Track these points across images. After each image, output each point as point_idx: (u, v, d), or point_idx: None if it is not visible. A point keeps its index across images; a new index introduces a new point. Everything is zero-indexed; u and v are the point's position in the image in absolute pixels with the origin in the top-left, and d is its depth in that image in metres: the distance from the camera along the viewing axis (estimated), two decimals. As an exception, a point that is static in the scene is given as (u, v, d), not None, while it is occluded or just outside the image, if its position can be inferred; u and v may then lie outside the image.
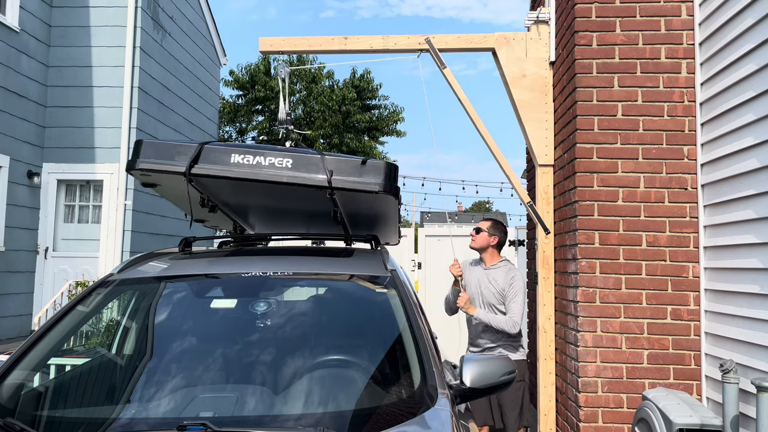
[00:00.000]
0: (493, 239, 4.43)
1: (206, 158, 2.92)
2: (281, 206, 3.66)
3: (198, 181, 3.04)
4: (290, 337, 2.62)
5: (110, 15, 10.18)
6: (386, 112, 25.57)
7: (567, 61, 4.19)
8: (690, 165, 3.87)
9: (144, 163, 3.01)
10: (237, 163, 2.89)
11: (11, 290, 9.38)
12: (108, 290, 2.81)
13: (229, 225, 4.27)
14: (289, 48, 4.64)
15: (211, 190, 3.27)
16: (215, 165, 2.91)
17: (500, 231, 4.47)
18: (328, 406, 2.23)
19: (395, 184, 2.94)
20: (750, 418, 3.11)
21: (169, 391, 2.26)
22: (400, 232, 4.35)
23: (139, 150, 3.04)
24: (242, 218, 4.07)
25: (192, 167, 2.90)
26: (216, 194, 3.38)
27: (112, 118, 10.01)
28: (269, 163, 2.88)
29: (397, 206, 3.34)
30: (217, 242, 3.89)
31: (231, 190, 3.25)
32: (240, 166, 2.89)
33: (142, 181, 3.31)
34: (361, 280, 2.91)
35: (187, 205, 3.42)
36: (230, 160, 2.90)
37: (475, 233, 4.47)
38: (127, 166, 3.09)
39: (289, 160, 2.88)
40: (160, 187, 3.46)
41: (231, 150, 2.94)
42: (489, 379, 2.36)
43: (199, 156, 2.92)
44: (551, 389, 4.35)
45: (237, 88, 24.71)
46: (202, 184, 3.13)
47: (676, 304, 3.82)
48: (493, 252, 4.45)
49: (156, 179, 3.26)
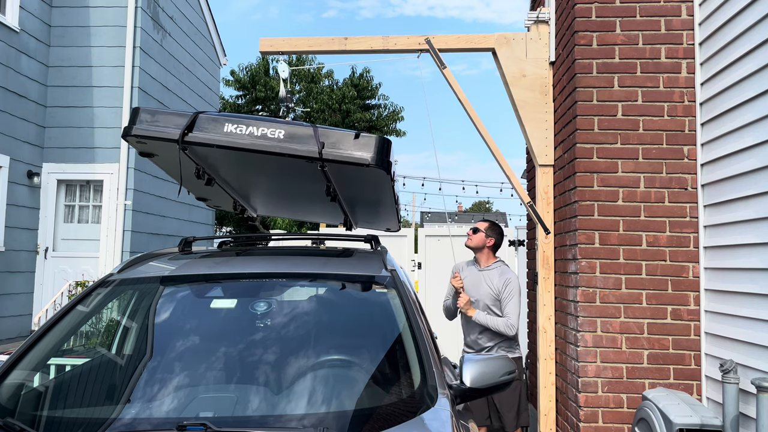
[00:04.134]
0: (490, 240, 4.47)
1: (200, 127, 2.92)
2: (278, 182, 3.62)
3: (192, 150, 3.03)
4: (290, 338, 2.62)
5: (110, 15, 10.18)
6: (386, 112, 25.59)
7: (567, 61, 4.19)
8: (690, 165, 3.87)
9: (139, 129, 3.00)
10: (230, 132, 2.88)
11: (11, 290, 9.39)
12: (108, 290, 2.81)
13: (229, 204, 4.25)
14: (289, 48, 4.64)
15: (207, 160, 3.27)
16: (208, 134, 2.90)
17: (497, 233, 4.51)
18: (329, 406, 2.23)
19: (387, 158, 2.87)
20: (750, 418, 3.11)
21: (169, 391, 2.26)
22: (399, 217, 4.27)
23: (135, 117, 3.04)
24: (241, 196, 4.04)
25: (185, 135, 2.90)
26: (212, 165, 3.36)
27: (112, 118, 10.02)
28: (261, 133, 2.86)
29: (391, 185, 3.25)
30: (217, 242, 3.90)
31: (225, 161, 3.24)
32: (232, 136, 2.88)
33: (139, 149, 3.28)
34: (361, 281, 2.91)
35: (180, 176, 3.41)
36: (223, 129, 2.89)
37: (472, 233, 4.50)
38: (123, 132, 3.08)
39: (281, 131, 2.86)
40: (158, 157, 3.42)
41: (225, 119, 2.94)
42: (489, 379, 2.37)
43: (193, 124, 2.92)
44: (551, 389, 4.35)
45: (238, 88, 24.71)
46: (197, 153, 3.12)
47: (676, 304, 3.82)
48: (489, 253, 4.48)
49: (152, 148, 3.23)
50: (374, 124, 25.34)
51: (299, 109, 6.39)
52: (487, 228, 4.51)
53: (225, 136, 2.89)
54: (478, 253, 4.51)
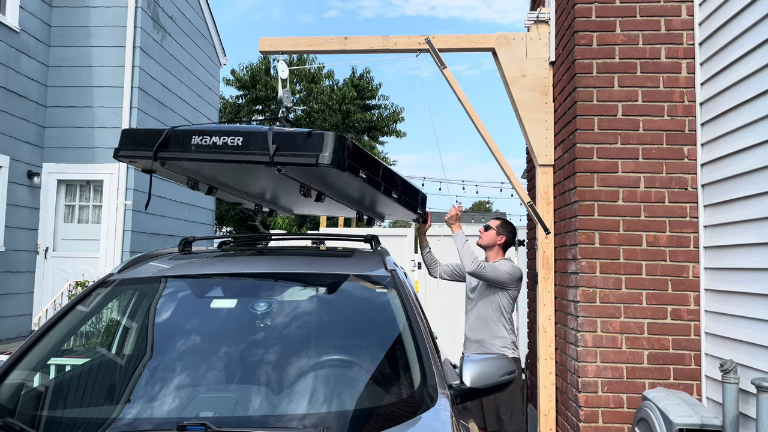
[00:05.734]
0: (500, 238, 4.51)
1: (174, 142, 2.99)
2: (260, 183, 3.60)
3: (171, 163, 3.10)
4: (290, 338, 2.62)
5: (110, 15, 10.18)
6: (386, 113, 25.59)
7: (567, 61, 4.19)
8: (690, 165, 3.87)
9: (123, 151, 3.15)
10: (197, 145, 2.93)
11: (11, 290, 9.39)
12: (108, 290, 2.81)
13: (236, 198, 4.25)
14: (288, 48, 4.64)
15: (190, 171, 3.32)
16: (178, 148, 2.97)
17: (509, 231, 4.55)
18: (329, 406, 2.23)
19: (342, 156, 2.76)
20: (750, 418, 3.11)
21: (169, 391, 2.26)
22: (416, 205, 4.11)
23: (121, 140, 3.18)
24: (239, 194, 4.05)
25: (159, 151, 2.98)
26: (197, 174, 3.41)
27: (112, 118, 10.02)
28: (222, 142, 2.87)
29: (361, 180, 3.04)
30: (217, 242, 3.90)
31: (204, 170, 3.28)
32: (200, 148, 2.92)
33: (135, 167, 3.38)
34: (361, 280, 2.91)
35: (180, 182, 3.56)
36: (191, 142, 2.94)
37: (484, 230, 4.55)
38: (113, 154, 3.21)
39: (240, 138, 2.86)
40: (159, 171, 3.50)
41: (192, 132, 2.98)
42: (489, 379, 2.37)
43: (168, 140, 2.99)
44: (551, 389, 4.35)
45: (238, 87, 24.71)
46: (179, 166, 3.18)
47: (676, 304, 3.82)
48: (498, 251, 4.52)
49: (144, 165, 3.31)
50: (374, 124, 25.34)
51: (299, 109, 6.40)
52: (499, 226, 4.54)
53: (193, 149, 2.94)
54: (488, 251, 4.53)
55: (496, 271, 4.27)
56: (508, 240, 4.52)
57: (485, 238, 4.52)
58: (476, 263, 4.21)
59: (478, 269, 4.21)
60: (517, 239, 8.10)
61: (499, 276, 4.27)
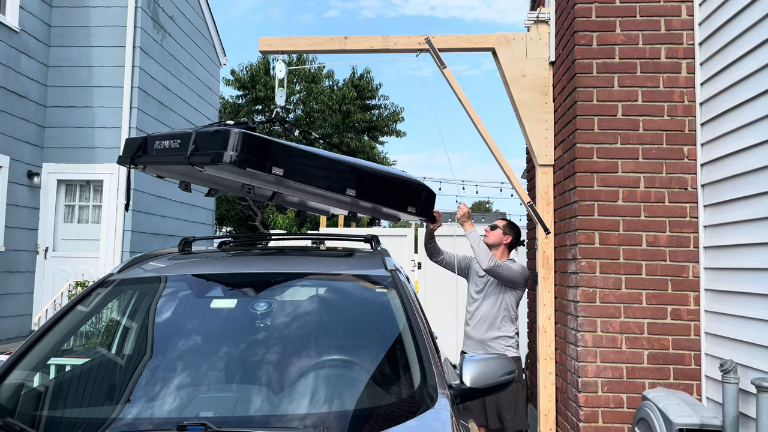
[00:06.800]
0: (507, 238, 4.56)
1: (149, 147, 3.15)
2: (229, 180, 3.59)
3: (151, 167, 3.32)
4: (290, 338, 2.62)
5: (110, 15, 10.17)
6: (386, 113, 25.58)
7: (567, 61, 4.19)
8: (690, 165, 3.87)
9: (122, 158, 3.35)
10: (156, 149, 3.08)
11: (11, 290, 9.38)
12: (108, 290, 2.81)
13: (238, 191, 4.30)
14: (288, 48, 4.64)
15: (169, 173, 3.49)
16: (148, 153, 3.15)
17: (515, 231, 4.62)
18: (329, 406, 2.23)
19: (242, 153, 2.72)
20: (750, 418, 3.11)
21: (169, 391, 2.26)
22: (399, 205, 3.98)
23: (123, 148, 3.40)
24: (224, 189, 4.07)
25: (136, 157, 3.19)
26: (175, 175, 3.56)
27: (112, 118, 10.01)
28: (169, 145, 3.01)
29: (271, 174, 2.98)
30: (217, 242, 3.90)
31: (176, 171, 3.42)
32: (159, 152, 3.07)
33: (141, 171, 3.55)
34: (362, 280, 2.91)
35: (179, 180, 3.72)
36: (154, 147, 3.11)
37: (491, 229, 4.60)
38: (117, 161, 3.44)
39: (177, 141, 2.97)
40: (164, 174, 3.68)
41: (157, 138, 3.13)
42: (489, 379, 2.37)
43: (146, 145, 3.16)
44: (551, 389, 4.35)
45: (238, 87, 24.70)
46: (158, 169, 3.37)
47: (676, 304, 3.82)
48: (504, 250, 4.56)
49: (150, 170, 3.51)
50: (374, 124, 25.34)
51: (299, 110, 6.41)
52: (505, 226, 4.61)
53: (155, 154, 3.11)
54: (494, 250, 4.55)
55: (511, 270, 4.32)
56: (513, 240, 4.59)
57: (492, 237, 4.55)
58: (493, 261, 4.27)
59: (495, 267, 4.26)
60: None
61: (513, 275, 4.32)
